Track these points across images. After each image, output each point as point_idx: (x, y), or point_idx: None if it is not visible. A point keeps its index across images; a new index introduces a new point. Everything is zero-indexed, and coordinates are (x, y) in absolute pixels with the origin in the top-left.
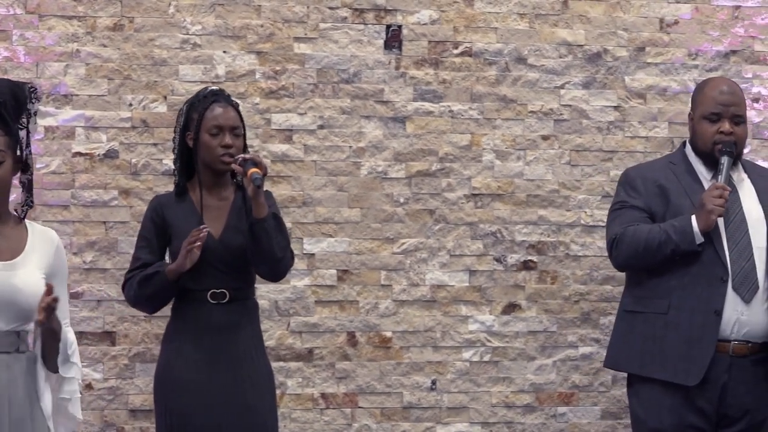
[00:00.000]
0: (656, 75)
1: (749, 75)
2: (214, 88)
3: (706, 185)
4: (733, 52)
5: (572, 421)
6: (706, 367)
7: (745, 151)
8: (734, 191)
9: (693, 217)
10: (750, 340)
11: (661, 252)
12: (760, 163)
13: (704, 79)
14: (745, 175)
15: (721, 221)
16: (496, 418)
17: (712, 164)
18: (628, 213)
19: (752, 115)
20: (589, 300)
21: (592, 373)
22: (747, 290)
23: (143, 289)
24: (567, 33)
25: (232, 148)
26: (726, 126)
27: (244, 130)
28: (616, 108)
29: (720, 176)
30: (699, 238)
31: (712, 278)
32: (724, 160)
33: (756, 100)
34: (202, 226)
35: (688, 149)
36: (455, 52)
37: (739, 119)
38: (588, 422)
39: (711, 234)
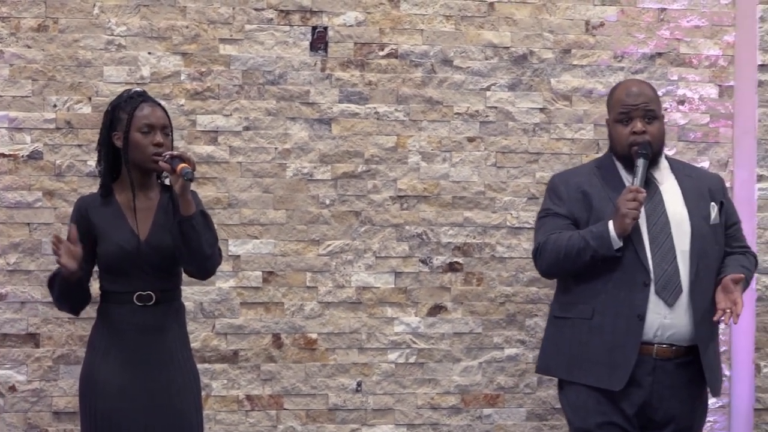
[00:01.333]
0: (582, 77)
1: (675, 77)
2: (138, 89)
3: None
4: (659, 54)
5: (498, 423)
6: (630, 372)
7: (671, 152)
8: (657, 193)
9: (610, 223)
10: (674, 343)
11: (581, 258)
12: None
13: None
14: (671, 175)
15: (644, 225)
16: (421, 419)
17: (632, 167)
18: (552, 221)
19: (678, 117)
20: (515, 301)
21: (517, 374)
22: (670, 294)
23: (53, 290)
24: (493, 35)
25: (162, 147)
26: (638, 125)
27: (172, 131)
28: (541, 110)
29: (635, 179)
30: (616, 243)
31: (635, 283)
32: (640, 163)
33: (681, 102)
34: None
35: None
36: (381, 53)
37: (652, 115)
38: (513, 424)
39: (633, 238)
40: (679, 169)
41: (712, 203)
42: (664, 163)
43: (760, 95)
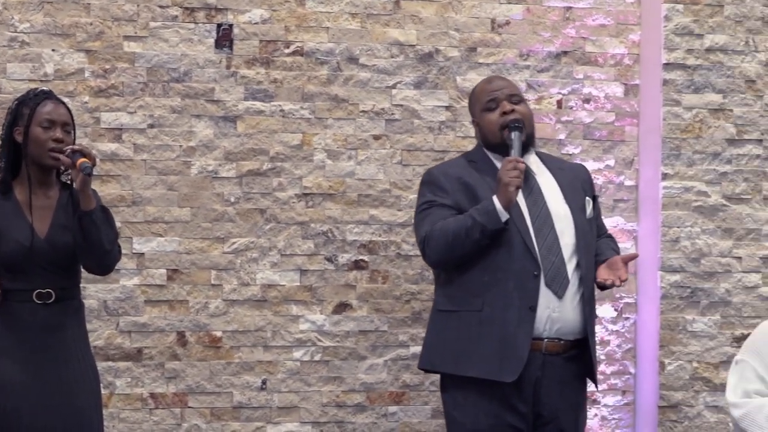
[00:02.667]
0: (488, 75)
1: (580, 76)
2: (44, 88)
3: None
4: (565, 53)
5: (403, 421)
6: (523, 363)
7: (576, 151)
8: (535, 185)
9: (495, 197)
10: (562, 337)
11: (471, 237)
12: (587, 164)
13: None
14: (544, 168)
15: (527, 217)
16: (326, 417)
17: (507, 155)
18: (437, 212)
19: (583, 115)
20: (420, 299)
21: (422, 372)
22: (559, 286)
23: None
24: (399, 33)
25: (62, 143)
26: (506, 106)
27: (74, 129)
28: (447, 108)
29: (512, 151)
30: (504, 215)
31: (525, 273)
32: (514, 135)
33: (587, 100)
34: None
35: (483, 148)
36: (286, 51)
37: (517, 98)
38: (419, 421)
39: (519, 228)
40: (549, 161)
41: (587, 198)
42: (534, 157)
43: (664, 94)
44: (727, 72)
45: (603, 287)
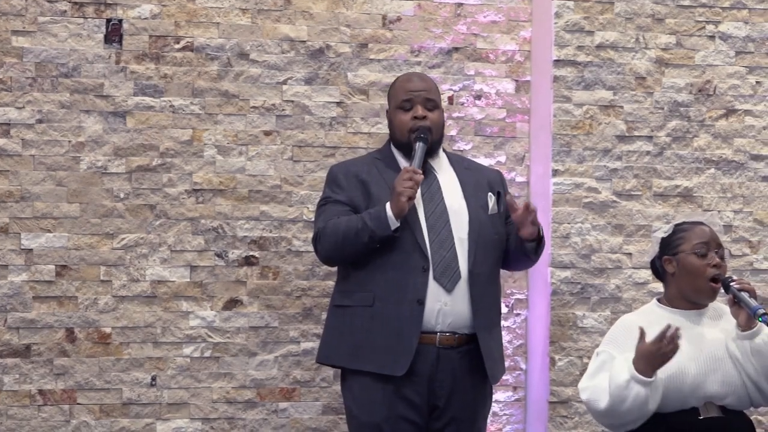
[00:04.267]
0: (379, 71)
1: (471, 72)
2: None
3: None
4: (456, 49)
5: (294, 417)
6: (412, 357)
7: (468, 147)
8: (435, 182)
9: (388, 204)
10: (456, 331)
11: (360, 240)
12: (479, 160)
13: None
14: (449, 167)
15: (422, 212)
16: (217, 414)
17: (411, 154)
18: (332, 208)
19: (474, 112)
20: (311, 295)
21: (313, 368)
22: (448, 280)
23: None
24: (289, 29)
25: None
26: (419, 111)
27: None
28: (338, 104)
29: (413, 161)
30: (393, 224)
31: (414, 268)
32: (418, 146)
33: (478, 97)
34: None
35: (391, 144)
36: (177, 46)
37: (432, 104)
38: (310, 417)
39: (411, 224)
40: (457, 162)
41: (490, 193)
42: (443, 155)
43: (555, 90)
44: (617, 69)
45: (529, 235)
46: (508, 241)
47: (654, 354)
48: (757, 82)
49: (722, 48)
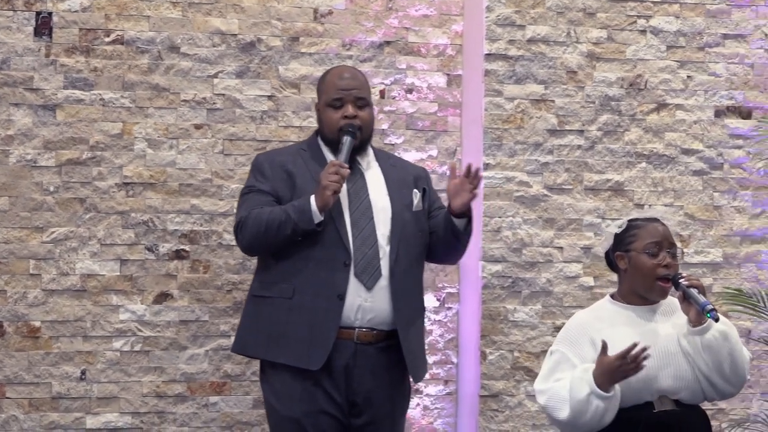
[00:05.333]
0: (310, 65)
1: (403, 66)
2: None
3: None
4: (387, 42)
5: (224, 411)
6: (328, 351)
7: (399, 141)
8: (361, 178)
9: (312, 197)
10: (375, 327)
11: (282, 232)
12: (410, 154)
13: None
14: (375, 164)
15: (346, 208)
16: (147, 407)
17: (338, 149)
18: (255, 197)
19: (406, 105)
20: (242, 289)
21: (244, 362)
22: (369, 277)
23: None
24: (220, 22)
25: None
26: (350, 110)
27: None
28: (269, 97)
29: (340, 155)
30: (317, 217)
31: (335, 262)
32: (345, 140)
33: (410, 90)
34: None
35: (319, 137)
36: (107, 40)
37: (363, 102)
38: (240, 411)
39: (335, 219)
40: (384, 159)
41: (415, 190)
42: (370, 152)
43: (486, 84)
44: (548, 63)
45: (461, 206)
46: (435, 233)
47: (615, 370)
48: (688, 76)
49: (653, 42)
